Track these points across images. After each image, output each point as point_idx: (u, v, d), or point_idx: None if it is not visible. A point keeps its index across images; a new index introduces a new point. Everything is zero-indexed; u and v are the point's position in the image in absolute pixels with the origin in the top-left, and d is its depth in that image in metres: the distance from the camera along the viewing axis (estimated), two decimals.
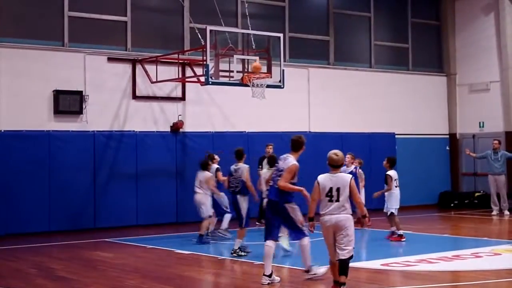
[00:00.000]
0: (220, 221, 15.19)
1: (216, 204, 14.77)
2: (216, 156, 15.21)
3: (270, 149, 17.11)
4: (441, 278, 10.43)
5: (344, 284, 8.72)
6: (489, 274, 10.44)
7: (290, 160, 10.28)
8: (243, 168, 13.21)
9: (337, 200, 8.88)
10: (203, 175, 14.53)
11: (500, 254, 12.27)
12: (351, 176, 9.22)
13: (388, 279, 10.48)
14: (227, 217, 15.00)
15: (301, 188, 9.87)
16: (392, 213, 14.63)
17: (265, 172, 13.45)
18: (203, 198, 14.48)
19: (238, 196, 12.92)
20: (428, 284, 9.78)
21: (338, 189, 8.88)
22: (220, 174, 14.72)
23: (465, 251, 12.63)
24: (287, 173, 10.03)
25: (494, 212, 19.64)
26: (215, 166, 14.88)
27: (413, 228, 16.59)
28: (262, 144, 19.21)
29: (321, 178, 9.09)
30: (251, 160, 18.82)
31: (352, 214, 9.01)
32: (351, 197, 8.96)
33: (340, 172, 9.14)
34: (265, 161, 16.70)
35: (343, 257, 8.82)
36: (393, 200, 14.64)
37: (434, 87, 23.29)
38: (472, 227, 17.58)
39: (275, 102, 18.67)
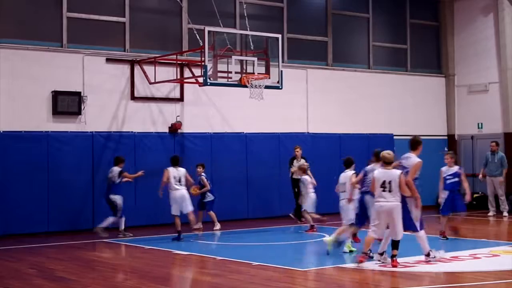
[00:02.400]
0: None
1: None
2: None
3: (298, 151, 17.85)
4: (439, 279, 10.45)
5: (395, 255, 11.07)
6: (487, 275, 10.45)
7: (413, 159, 11.90)
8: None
9: (390, 190, 10.98)
10: (183, 172, 14.90)
11: (498, 256, 12.28)
12: (400, 171, 11.22)
13: (386, 280, 10.49)
14: (111, 219, 15.44)
15: (418, 196, 11.60)
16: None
17: (347, 175, 13.18)
18: (186, 194, 14.91)
19: (367, 197, 12.51)
20: (426, 285, 9.80)
21: (390, 182, 11.00)
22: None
23: (464, 252, 12.65)
24: (413, 169, 11.66)
25: (491, 213, 19.65)
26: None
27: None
28: (259, 145, 19.28)
29: (376, 172, 11.29)
30: (249, 162, 18.90)
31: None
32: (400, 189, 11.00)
33: (392, 168, 11.22)
34: (295, 161, 17.75)
35: (395, 238, 11.09)
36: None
37: (433, 88, 23.31)
38: (470, 228, 17.55)
39: (273, 103, 18.70)
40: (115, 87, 17.47)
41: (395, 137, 21.77)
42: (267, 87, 16.15)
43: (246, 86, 15.83)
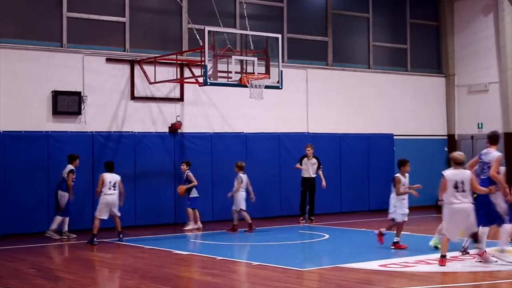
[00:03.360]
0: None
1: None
2: None
3: (310, 150, 18.15)
4: (439, 279, 10.46)
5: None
6: (486, 275, 10.47)
7: (494, 153, 11.78)
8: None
9: (463, 190, 11.01)
10: (118, 178, 14.80)
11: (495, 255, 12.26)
12: (470, 172, 11.30)
13: (386, 279, 10.49)
14: (58, 219, 15.33)
15: (505, 186, 11.67)
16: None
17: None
18: (117, 199, 14.81)
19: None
20: (426, 285, 9.80)
21: (462, 182, 11.03)
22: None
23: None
24: (495, 163, 11.60)
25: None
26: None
27: (412, 229, 16.58)
28: (259, 145, 19.29)
29: (448, 173, 11.18)
30: (249, 161, 18.91)
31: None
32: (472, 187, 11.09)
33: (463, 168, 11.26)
34: (304, 160, 18.11)
35: (472, 232, 11.17)
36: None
37: (433, 88, 23.31)
38: None
39: (273, 103, 18.71)
40: (115, 87, 17.48)
41: (395, 137, 21.78)
42: (267, 87, 16.15)
43: (246, 86, 15.83)
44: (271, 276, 10.67)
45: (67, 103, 16.58)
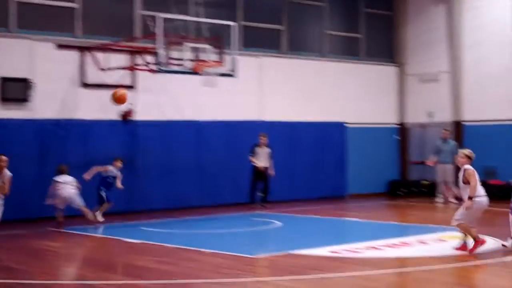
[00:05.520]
0: None
1: None
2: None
3: (263, 139, 18.26)
4: (388, 264, 10.58)
5: None
6: (434, 260, 10.61)
7: None
8: None
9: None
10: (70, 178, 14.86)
11: (445, 241, 12.48)
12: None
13: (337, 266, 10.56)
14: None
15: None
16: None
17: None
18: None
19: None
20: (375, 270, 9.90)
21: None
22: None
23: (412, 237, 12.82)
24: None
25: (440, 200, 19.93)
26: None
27: (361, 216, 16.77)
28: (213, 133, 19.23)
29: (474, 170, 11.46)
30: (202, 150, 18.83)
31: None
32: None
33: None
34: (257, 149, 18.27)
35: None
36: None
37: (385, 76, 23.51)
38: (419, 214, 17.85)
39: (227, 91, 18.66)
40: (65, 74, 17.21)
41: (347, 125, 21.92)
42: (220, 75, 16.12)
43: (199, 74, 15.77)
44: (223, 263, 10.66)
45: (15, 90, 16.26)
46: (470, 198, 11.25)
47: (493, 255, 10.97)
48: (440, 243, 12.37)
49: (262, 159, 18.24)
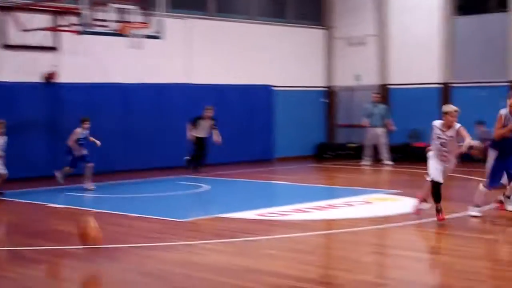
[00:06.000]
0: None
1: None
2: None
3: (210, 112, 18.06)
4: (315, 226, 10.70)
5: None
6: (360, 222, 10.78)
7: None
8: None
9: None
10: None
11: (371, 203, 12.70)
12: None
13: (264, 228, 10.62)
14: None
15: None
16: None
17: None
18: None
19: None
20: (302, 232, 9.99)
21: None
22: None
23: (339, 200, 12.99)
24: None
25: (367, 163, 20.20)
26: None
27: (289, 179, 16.90)
28: (140, 96, 18.96)
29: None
30: (129, 113, 18.57)
31: None
32: None
33: None
34: (200, 121, 17.99)
35: None
36: None
37: (313, 40, 23.55)
38: (346, 177, 18.09)
39: (154, 53, 18.38)
40: None
41: (275, 88, 21.93)
42: (147, 36, 15.87)
43: (125, 36, 15.49)
44: (150, 227, 10.59)
45: None
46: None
47: (416, 216, 11.19)
48: (366, 205, 12.56)
49: (203, 131, 18.06)
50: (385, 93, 22.10)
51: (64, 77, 17.62)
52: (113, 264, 8.35)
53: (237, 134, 20.81)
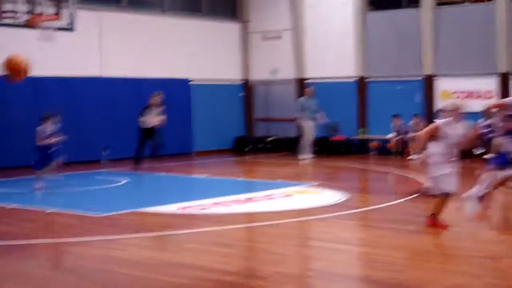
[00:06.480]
0: None
1: None
2: None
3: (157, 99, 17.09)
4: (235, 220, 10.62)
5: None
6: (280, 215, 10.76)
7: None
8: None
9: None
10: None
11: (291, 196, 12.72)
12: None
13: (184, 222, 10.48)
14: None
15: None
16: None
17: None
18: None
19: None
20: (223, 226, 9.90)
21: None
22: None
23: (259, 193, 12.95)
24: None
25: (307, 157, 19.77)
26: None
27: (208, 173, 16.78)
28: (50, 90, 18.45)
29: None
30: (39, 107, 18.08)
31: None
32: None
33: None
34: (148, 110, 16.99)
35: None
36: None
37: (228, 34, 23.47)
38: (265, 170, 18.12)
39: (65, 46, 17.94)
40: None
41: (191, 83, 21.78)
42: (58, 29, 15.45)
43: (35, 27, 15.03)
44: (67, 222, 10.30)
45: None
46: None
47: (336, 209, 11.28)
48: (285, 198, 12.56)
49: (153, 118, 17.12)
50: (301, 86, 22.25)
51: None
52: (29, 261, 8.04)
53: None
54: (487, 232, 9.60)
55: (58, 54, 18.26)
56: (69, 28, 15.79)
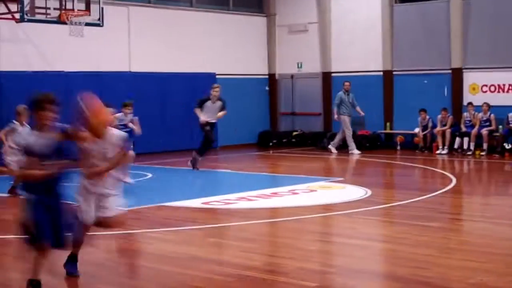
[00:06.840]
0: None
1: None
2: None
3: (217, 91, 15.97)
4: (259, 215, 10.71)
5: None
6: (304, 210, 10.85)
7: None
8: None
9: None
10: None
11: (315, 191, 12.78)
12: None
13: (209, 217, 10.62)
14: None
15: None
16: None
17: None
18: None
19: None
20: (247, 221, 10.00)
21: None
22: None
23: (283, 188, 13.02)
24: None
25: (356, 152, 19.71)
26: None
27: (233, 167, 16.89)
28: (81, 84, 18.61)
29: None
30: (70, 102, 18.25)
31: None
32: None
33: None
34: (207, 103, 15.97)
35: None
36: None
37: (254, 27, 23.52)
38: (290, 165, 18.14)
39: (94, 41, 18.14)
40: None
41: (217, 76, 21.87)
42: (87, 24, 15.65)
43: (65, 23, 15.24)
44: None
45: None
46: None
47: (360, 204, 11.33)
48: (310, 193, 12.62)
49: (212, 114, 16.13)
50: (327, 80, 22.24)
51: (3, 65, 17.24)
52: (52, 254, 8.19)
53: (181, 122, 20.68)
54: None
55: (87, 49, 18.47)
56: (98, 24, 15.98)
